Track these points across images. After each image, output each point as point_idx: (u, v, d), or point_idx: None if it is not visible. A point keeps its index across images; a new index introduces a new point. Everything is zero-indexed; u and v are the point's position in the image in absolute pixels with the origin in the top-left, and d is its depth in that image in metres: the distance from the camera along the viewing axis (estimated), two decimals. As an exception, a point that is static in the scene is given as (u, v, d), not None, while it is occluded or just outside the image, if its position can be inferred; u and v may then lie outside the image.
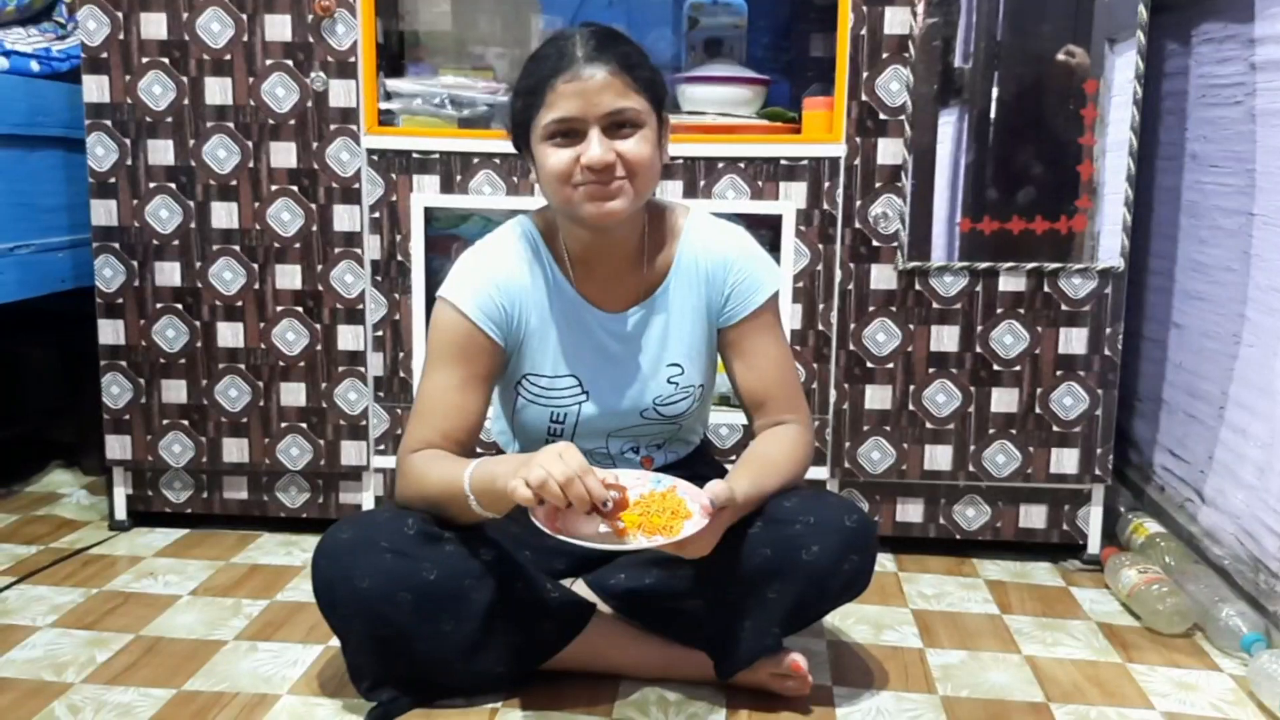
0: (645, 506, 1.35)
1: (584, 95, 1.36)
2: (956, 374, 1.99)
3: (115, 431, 2.08)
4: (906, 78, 1.90)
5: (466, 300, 1.47)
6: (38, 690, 1.50)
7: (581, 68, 1.36)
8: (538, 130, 1.40)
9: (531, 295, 1.51)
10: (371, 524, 1.43)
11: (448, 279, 1.50)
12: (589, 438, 1.57)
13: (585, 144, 1.38)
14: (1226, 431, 1.89)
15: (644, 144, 1.40)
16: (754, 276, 1.54)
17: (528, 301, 1.50)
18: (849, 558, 1.44)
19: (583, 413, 1.54)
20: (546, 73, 1.38)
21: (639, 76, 1.40)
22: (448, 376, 1.46)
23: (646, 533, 1.31)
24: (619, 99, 1.37)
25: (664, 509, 1.35)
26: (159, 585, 1.87)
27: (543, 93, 1.38)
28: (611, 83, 1.37)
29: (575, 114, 1.37)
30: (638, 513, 1.33)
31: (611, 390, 1.54)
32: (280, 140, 1.98)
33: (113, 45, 1.97)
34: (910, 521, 2.06)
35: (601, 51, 1.38)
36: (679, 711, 1.47)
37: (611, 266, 1.52)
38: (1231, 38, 1.90)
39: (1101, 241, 1.92)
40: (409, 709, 1.45)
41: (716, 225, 1.58)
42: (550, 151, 1.40)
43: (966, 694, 1.54)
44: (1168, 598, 1.75)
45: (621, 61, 1.38)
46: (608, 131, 1.38)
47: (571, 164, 1.38)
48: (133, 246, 2.03)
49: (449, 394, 1.45)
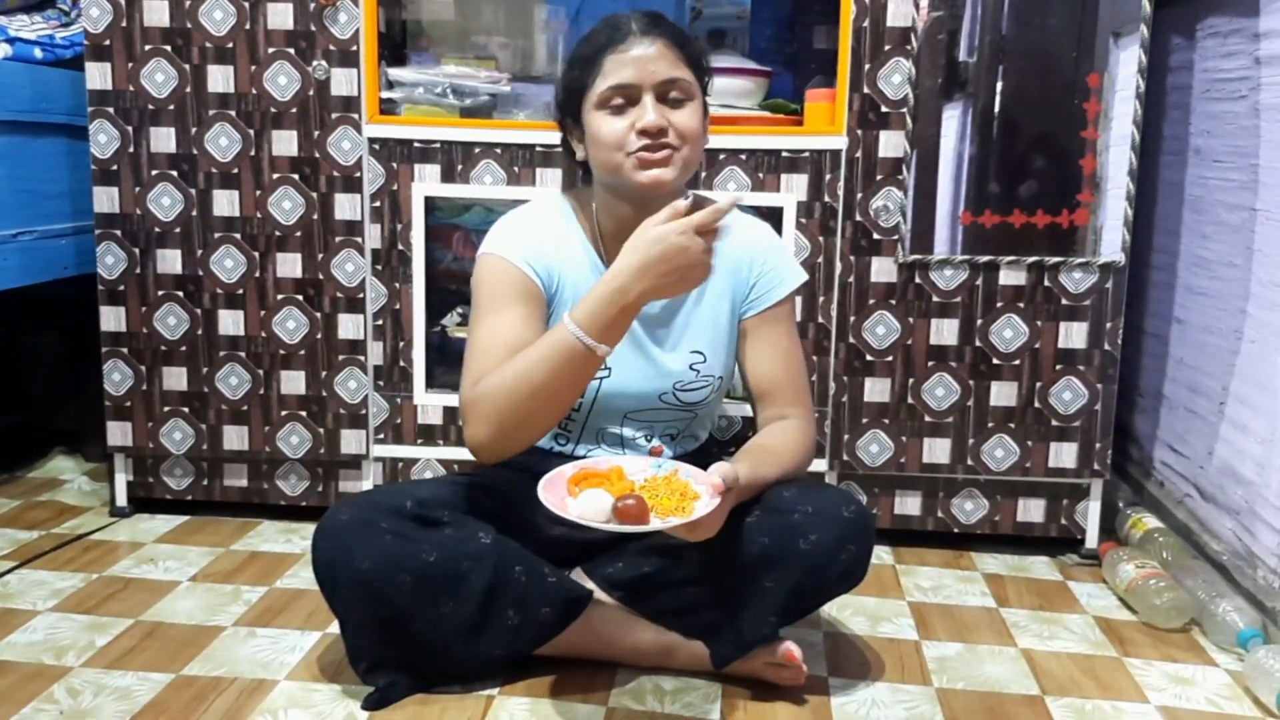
0: (652, 490, 1.36)
1: (640, 63, 1.43)
2: (956, 367, 1.99)
3: (116, 418, 2.09)
4: (909, 70, 1.90)
5: (513, 252, 1.50)
6: (38, 673, 1.51)
7: (638, 39, 1.44)
8: (591, 98, 1.46)
9: (565, 265, 1.53)
10: (371, 505, 1.44)
11: (488, 240, 1.53)
12: (606, 417, 1.58)
13: (639, 109, 1.44)
14: (1227, 427, 1.89)
15: (694, 115, 1.47)
16: (779, 270, 1.59)
17: (564, 268, 1.53)
18: (846, 548, 1.44)
19: (603, 390, 1.55)
20: (603, 43, 1.46)
21: (690, 53, 1.48)
22: (507, 315, 1.46)
23: (659, 515, 1.32)
24: (672, 69, 1.44)
25: (671, 491, 1.35)
26: (159, 571, 1.88)
27: (599, 61, 1.45)
28: (665, 54, 1.44)
29: (631, 80, 1.43)
30: (647, 495, 1.34)
31: (634, 370, 1.56)
32: (282, 128, 1.98)
33: (116, 32, 1.97)
34: (908, 514, 2.07)
35: (655, 26, 1.46)
36: (675, 700, 1.47)
37: None
38: (1236, 32, 1.89)
39: (1103, 236, 1.92)
40: (406, 694, 1.45)
41: (746, 218, 1.64)
42: (604, 119, 1.45)
43: (962, 686, 1.55)
44: (1165, 592, 1.75)
45: (674, 37, 1.47)
46: (660, 100, 1.44)
47: (625, 131, 1.44)
48: (134, 234, 2.03)
49: (512, 328, 1.45)
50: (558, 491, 1.37)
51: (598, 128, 1.46)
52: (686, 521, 1.30)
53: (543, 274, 1.51)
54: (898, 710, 1.47)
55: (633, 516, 1.29)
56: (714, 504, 1.31)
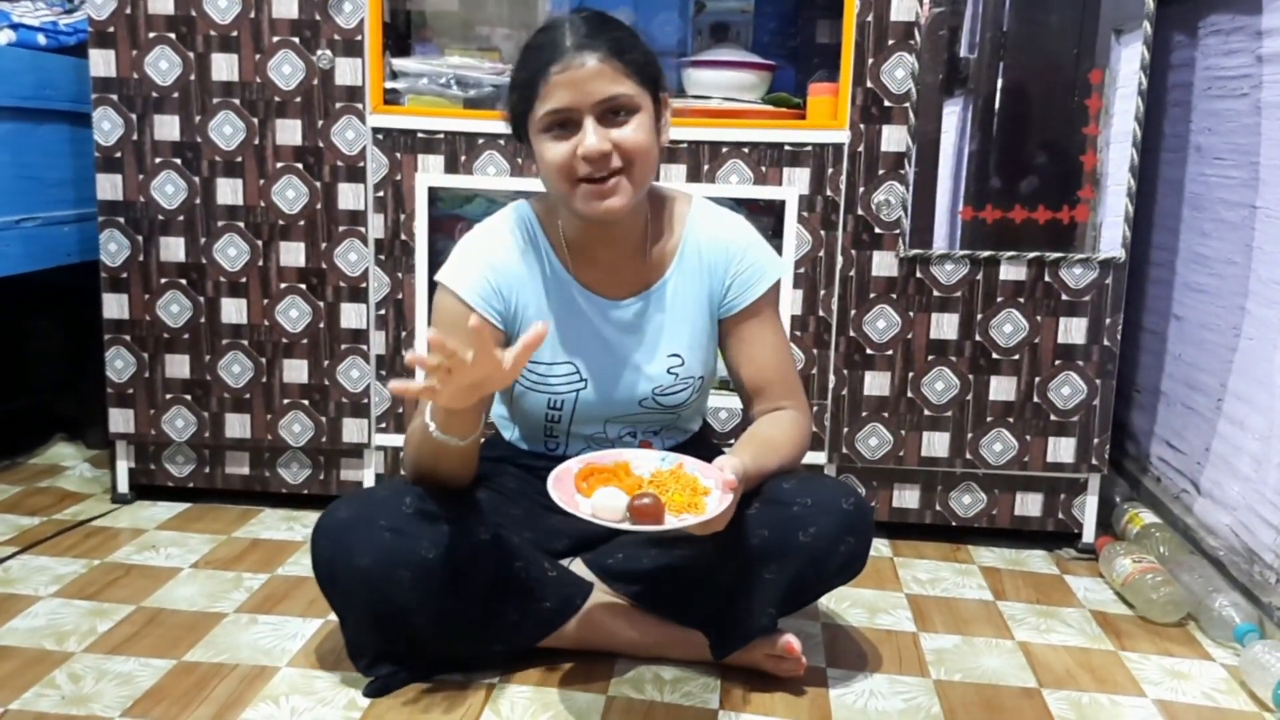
0: (660, 485, 1.36)
1: (575, 84, 1.35)
2: (956, 362, 1.99)
3: (118, 405, 2.09)
4: (912, 65, 1.90)
5: (464, 286, 1.47)
6: (39, 659, 1.51)
7: (572, 57, 1.35)
8: (534, 123, 1.40)
9: (528, 283, 1.51)
10: (370, 502, 1.43)
11: (446, 265, 1.51)
12: (587, 423, 1.57)
13: (581, 134, 1.37)
14: (1224, 424, 1.90)
15: (640, 130, 1.39)
16: (756, 267, 1.54)
17: (524, 289, 1.51)
18: (845, 539, 1.45)
19: (581, 400, 1.55)
20: (538, 65, 1.37)
21: (630, 60, 1.38)
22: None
23: (672, 511, 1.31)
24: (611, 85, 1.36)
25: (681, 486, 1.35)
26: (160, 558, 1.89)
27: (536, 85, 1.37)
28: (602, 69, 1.35)
29: (568, 104, 1.36)
30: (657, 493, 1.33)
31: (610, 379, 1.55)
32: (286, 118, 1.99)
33: (120, 20, 1.97)
34: (907, 507, 2.07)
35: (591, 38, 1.36)
36: (674, 690, 1.48)
37: (612, 255, 1.52)
38: (1239, 30, 1.90)
39: (1103, 232, 1.93)
40: (407, 683, 1.46)
41: (718, 214, 1.58)
42: (548, 145, 1.39)
43: (959, 678, 1.56)
44: (1162, 587, 1.76)
45: (612, 47, 1.37)
46: (603, 119, 1.37)
47: (570, 157, 1.37)
48: (138, 221, 2.04)
49: None
50: (568, 489, 1.36)
51: (543, 153, 1.40)
52: (702, 520, 1.29)
53: (497, 305, 1.48)
54: (895, 701, 1.48)
55: (650, 515, 1.29)
56: (727, 500, 1.31)
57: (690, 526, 1.30)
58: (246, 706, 1.40)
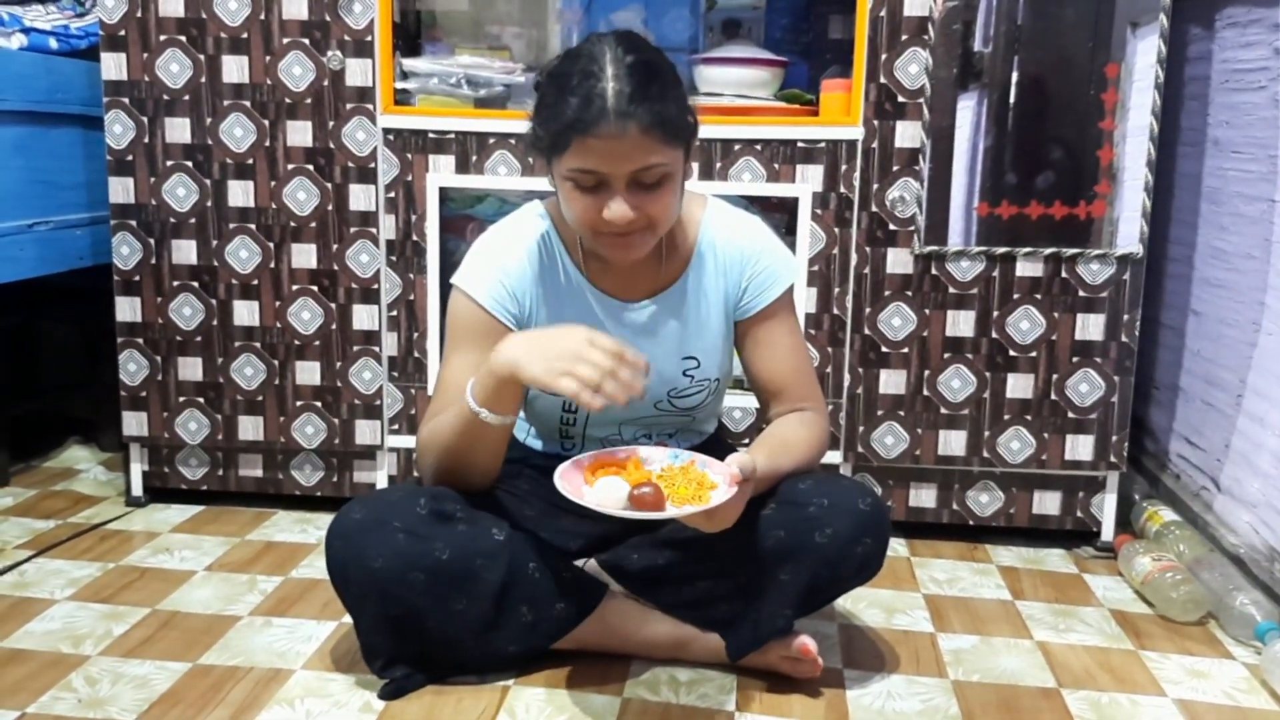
0: (669, 479, 1.35)
1: (612, 154, 1.30)
2: (972, 359, 1.98)
3: (132, 408, 2.10)
4: (926, 60, 1.89)
5: (479, 289, 1.47)
6: (56, 662, 1.52)
7: (613, 123, 1.28)
8: (559, 168, 1.36)
9: (542, 287, 1.51)
10: (384, 504, 1.43)
11: (461, 268, 1.50)
12: (602, 426, 1.57)
13: (609, 195, 1.33)
14: (1244, 420, 1.88)
15: (669, 193, 1.36)
16: (771, 269, 1.54)
17: (538, 292, 1.50)
18: (862, 540, 1.44)
19: None
20: (573, 118, 1.29)
21: (670, 128, 1.32)
22: (466, 360, 1.46)
23: (675, 503, 1.31)
24: (648, 155, 1.31)
25: (688, 480, 1.35)
26: (175, 560, 1.89)
27: (568, 138, 1.30)
28: (642, 141, 1.29)
29: (602, 170, 1.32)
30: (662, 485, 1.33)
31: None
32: (296, 119, 1.98)
33: (130, 23, 1.97)
34: (923, 507, 2.06)
35: (635, 103, 1.28)
36: (690, 692, 1.47)
37: None
38: (1256, 22, 1.88)
39: (1120, 227, 1.91)
40: (421, 685, 1.46)
41: (734, 216, 1.57)
42: (573, 194, 1.36)
43: (978, 679, 1.54)
44: (1181, 585, 1.74)
45: (654, 116, 1.29)
46: (632, 184, 1.33)
47: (594, 212, 1.34)
48: (150, 224, 2.04)
49: (464, 374, 1.45)
50: (574, 479, 1.36)
51: (566, 200, 1.37)
52: (703, 509, 1.29)
53: (512, 307, 1.48)
54: (913, 702, 1.47)
55: (649, 504, 1.28)
56: (731, 493, 1.31)
57: (692, 516, 1.30)
58: (262, 709, 1.40)
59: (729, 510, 1.32)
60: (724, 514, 1.32)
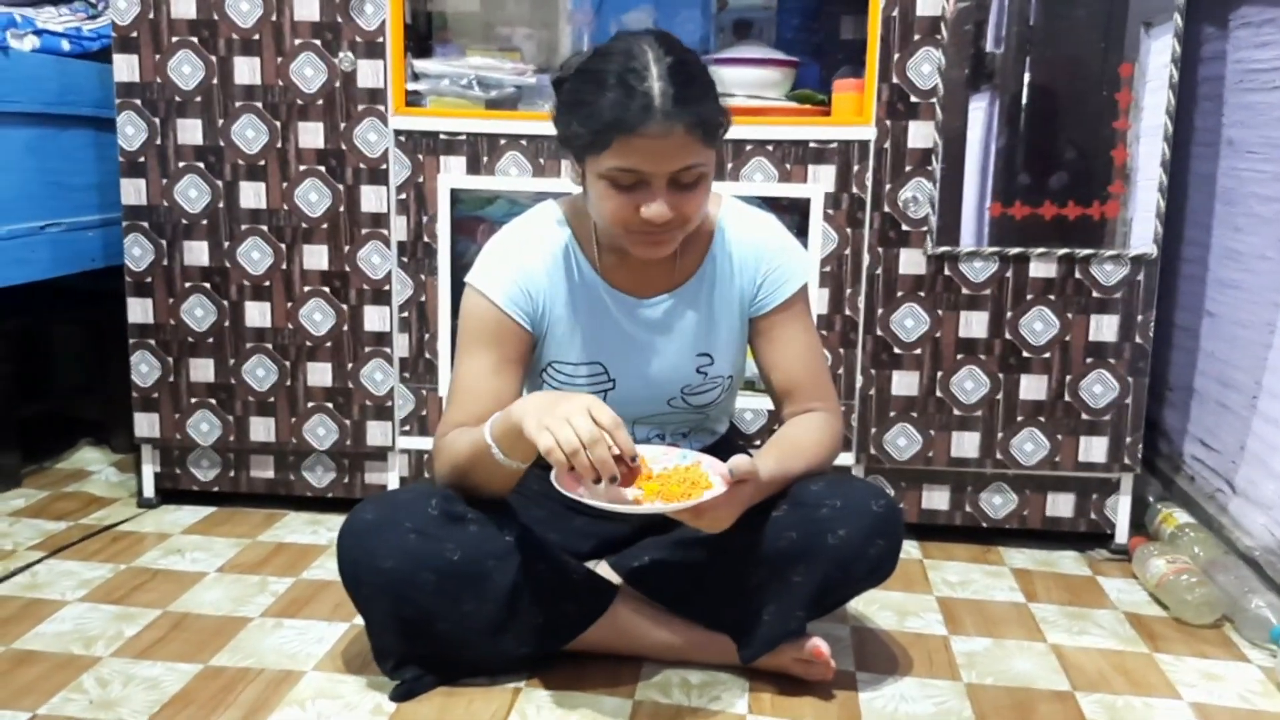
0: (666, 478, 1.36)
1: (657, 154, 1.31)
2: (985, 360, 1.97)
3: (143, 409, 2.10)
4: (938, 60, 1.88)
5: (494, 288, 1.47)
6: (67, 663, 1.52)
7: (659, 124, 1.29)
8: (596, 166, 1.36)
9: (556, 284, 1.50)
10: (395, 504, 1.43)
11: (475, 267, 1.50)
12: None
13: (648, 193, 1.34)
14: (1259, 421, 1.87)
15: (702, 194, 1.39)
16: (786, 267, 1.54)
17: (552, 290, 1.50)
18: (875, 542, 1.43)
19: (608, 400, 1.53)
20: (618, 117, 1.30)
21: (711, 128, 1.35)
22: (480, 361, 1.46)
23: (665, 500, 1.31)
24: (690, 156, 1.33)
25: (685, 479, 1.35)
26: (186, 562, 1.89)
27: (611, 137, 1.31)
28: (686, 142, 1.32)
29: (644, 169, 1.33)
30: (658, 483, 1.34)
31: (638, 378, 1.54)
32: (308, 120, 1.98)
33: (143, 24, 1.98)
34: (936, 509, 2.05)
35: (680, 104, 1.30)
36: (701, 694, 1.47)
37: None
38: (1270, 22, 1.86)
39: (1134, 228, 1.90)
40: (432, 687, 1.45)
41: (749, 214, 1.57)
42: (608, 192, 1.36)
43: (991, 681, 1.54)
44: (1196, 588, 1.73)
45: (697, 116, 1.32)
46: (671, 183, 1.35)
47: (630, 211, 1.35)
48: (162, 226, 2.04)
49: (482, 378, 1.45)
50: (572, 474, 1.37)
51: (599, 197, 1.37)
52: (689, 505, 1.29)
53: (526, 307, 1.48)
54: (926, 705, 1.46)
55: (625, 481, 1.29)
56: (720, 491, 1.30)
57: (681, 513, 1.30)
58: (273, 711, 1.40)
59: (721, 510, 1.32)
60: (716, 513, 1.32)
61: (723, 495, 1.31)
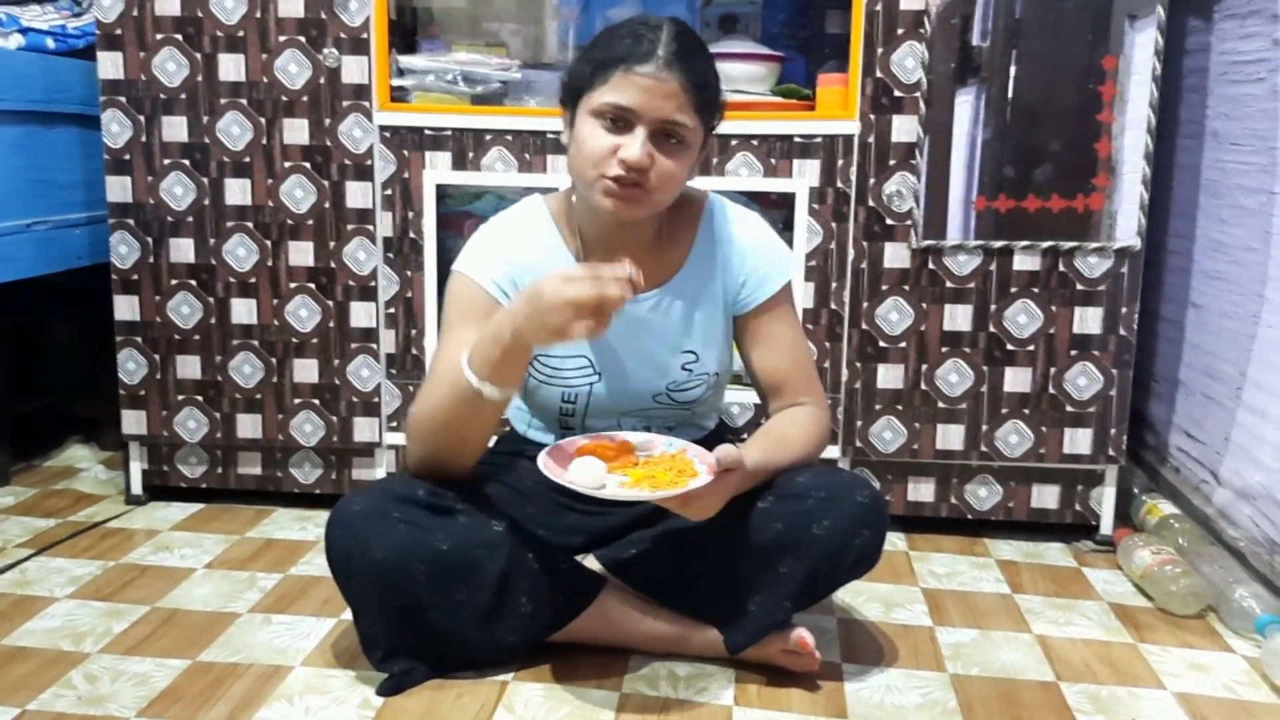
0: (653, 466, 1.37)
1: (649, 92, 1.35)
2: (970, 353, 1.98)
3: (131, 407, 2.10)
4: (922, 54, 1.88)
5: (481, 273, 1.48)
6: (56, 659, 1.52)
7: (660, 66, 1.35)
8: (589, 101, 1.39)
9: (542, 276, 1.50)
10: (383, 494, 1.44)
11: (462, 254, 1.51)
12: (601, 417, 1.57)
13: (629, 138, 1.37)
14: (1244, 413, 1.88)
15: (681, 163, 1.40)
16: (770, 264, 1.55)
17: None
18: (860, 533, 1.44)
19: (594, 393, 1.54)
20: (624, 53, 1.37)
21: (704, 98, 1.40)
22: (464, 338, 1.44)
23: (651, 487, 1.32)
24: (678, 112, 1.37)
25: (671, 468, 1.37)
26: (175, 558, 1.89)
27: (611, 70, 1.37)
28: (678, 95, 1.36)
29: (633, 106, 1.36)
30: (644, 471, 1.35)
31: (623, 373, 1.54)
32: (293, 117, 1.98)
33: (127, 22, 1.97)
34: (922, 501, 2.06)
35: (682, 59, 1.37)
36: (689, 685, 1.47)
37: (627, 250, 1.50)
38: (1255, 13, 1.87)
39: (1119, 220, 1.91)
40: (420, 680, 1.46)
41: (734, 212, 1.58)
42: (593, 128, 1.39)
43: (977, 672, 1.54)
44: (1181, 579, 1.74)
45: (696, 78, 1.38)
46: (654, 136, 1.38)
47: (608, 151, 1.37)
48: (148, 223, 2.04)
49: (461, 353, 1.45)
50: (560, 459, 1.39)
51: (584, 133, 1.39)
52: (676, 494, 1.30)
53: (512, 293, 1.48)
54: (912, 696, 1.47)
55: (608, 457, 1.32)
56: (706, 480, 1.32)
57: (667, 501, 1.32)
58: (261, 706, 1.40)
59: (707, 498, 1.33)
60: (702, 502, 1.33)
61: (709, 484, 1.32)
